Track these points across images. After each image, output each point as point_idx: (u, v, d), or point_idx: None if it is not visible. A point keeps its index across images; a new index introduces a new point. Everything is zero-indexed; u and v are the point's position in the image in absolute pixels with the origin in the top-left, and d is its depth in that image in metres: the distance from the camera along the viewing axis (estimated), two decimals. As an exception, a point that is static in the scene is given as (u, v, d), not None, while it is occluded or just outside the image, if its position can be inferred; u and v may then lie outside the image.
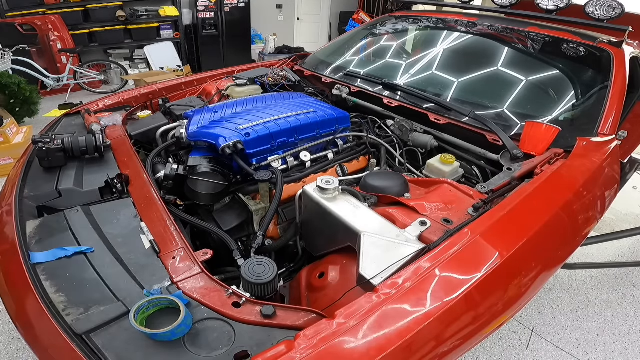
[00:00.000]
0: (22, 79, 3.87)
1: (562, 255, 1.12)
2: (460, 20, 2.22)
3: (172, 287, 0.86)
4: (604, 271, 2.39)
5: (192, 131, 1.41)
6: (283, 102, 1.63)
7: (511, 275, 0.93)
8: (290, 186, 1.34)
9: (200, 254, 0.96)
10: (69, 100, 4.71)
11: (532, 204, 1.08)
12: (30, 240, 1.00)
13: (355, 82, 1.98)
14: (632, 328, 2.00)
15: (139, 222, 1.05)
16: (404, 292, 0.79)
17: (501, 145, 1.43)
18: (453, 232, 0.97)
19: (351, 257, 1.03)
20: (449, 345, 0.80)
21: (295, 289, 1.14)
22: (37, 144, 1.29)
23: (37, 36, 4.71)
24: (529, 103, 1.66)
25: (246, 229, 1.34)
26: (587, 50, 1.80)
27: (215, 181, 1.28)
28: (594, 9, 1.84)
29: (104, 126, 1.62)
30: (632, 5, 2.10)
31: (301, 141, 1.48)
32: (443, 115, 1.62)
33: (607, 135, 1.44)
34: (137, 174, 1.26)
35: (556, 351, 1.85)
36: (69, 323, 0.78)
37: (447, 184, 1.21)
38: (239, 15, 5.97)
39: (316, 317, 0.82)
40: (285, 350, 0.69)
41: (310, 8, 7.53)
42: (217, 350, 0.74)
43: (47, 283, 0.88)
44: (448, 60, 1.99)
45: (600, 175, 1.30)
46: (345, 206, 1.09)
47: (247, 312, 0.81)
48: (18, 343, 1.73)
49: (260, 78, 2.14)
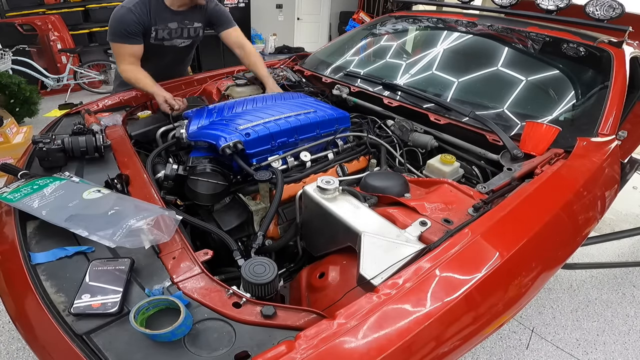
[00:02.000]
0: (22, 79, 3.87)
1: (562, 255, 1.12)
2: (460, 20, 2.22)
3: (172, 288, 0.86)
4: (604, 271, 2.39)
5: (192, 131, 1.41)
6: (283, 102, 1.63)
7: (511, 276, 0.93)
8: (290, 186, 1.34)
9: (200, 254, 0.96)
10: (69, 100, 4.71)
11: (532, 204, 1.08)
12: (30, 241, 1.00)
13: (355, 82, 1.99)
14: (632, 328, 2.00)
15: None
16: (405, 292, 0.79)
17: (501, 146, 1.43)
18: (453, 232, 0.97)
19: (351, 258, 1.03)
20: (450, 346, 0.80)
21: (295, 289, 1.14)
22: (37, 144, 1.29)
23: (37, 36, 4.71)
24: (529, 103, 1.66)
25: (246, 229, 1.34)
26: (587, 50, 1.80)
27: (215, 181, 1.28)
28: (594, 9, 1.84)
29: (104, 126, 1.62)
30: (632, 5, 2.10)
31: (301, 141, 1.48)
32: (443, 115, 1.62)
33: (607, 136, 1.44)
34: (137, 174, 1.26)
35: (556, 351, 1.85)
36: (69, 323, 0.78)
37: (447, 184, 1.21)
38: (239, 15, 5.97)
39: (316, 317, 0.82)
40: (286, 350, 0.68)
41: (310, 8, 7.53)
42: (217, 350, 0.74)
43: (47, 283, 0.88)
44: (448, 60, 1.99)
45: (600, 175, 1.30)
46: (346, 206, 1.09)
47: (248, 313, 0.81)
48: (18, 343, 1.73)
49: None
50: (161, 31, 1.88)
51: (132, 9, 1.73)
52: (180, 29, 1.94)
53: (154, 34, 1.86)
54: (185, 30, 1.96)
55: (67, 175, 1.19)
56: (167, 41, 1.94)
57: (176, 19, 1.89)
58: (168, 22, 1.87)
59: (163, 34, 1.90)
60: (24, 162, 1.38)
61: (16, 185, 1.11)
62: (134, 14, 1.74)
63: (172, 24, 1.89)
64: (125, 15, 1.74)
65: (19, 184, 1.12)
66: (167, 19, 1.86)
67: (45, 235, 1.01)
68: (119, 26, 1.75)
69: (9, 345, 1.72)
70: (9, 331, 1.78)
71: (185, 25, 1.93)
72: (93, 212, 0.99)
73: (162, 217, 0.98)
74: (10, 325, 1.79)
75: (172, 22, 1.88)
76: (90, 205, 1.02)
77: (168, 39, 1.94)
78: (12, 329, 1.78)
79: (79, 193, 1.07)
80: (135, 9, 1.74)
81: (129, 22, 1.74)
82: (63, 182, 1.13)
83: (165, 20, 1.86)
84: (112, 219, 0.95)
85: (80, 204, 1.03)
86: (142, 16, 1.77)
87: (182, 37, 1.98)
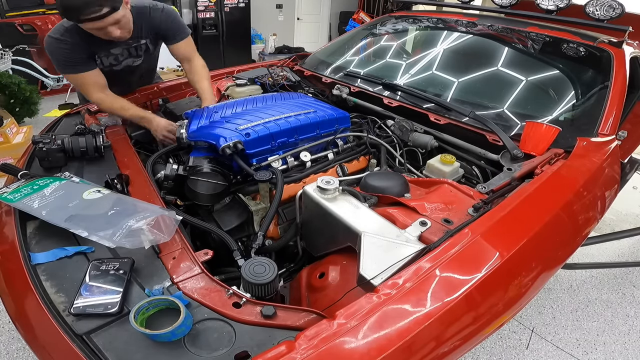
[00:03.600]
0: (22, 79, 3.87)
1: (562, 255, 1.12)
2: (460, 20, 2.22)
3: (172, 288, 0.86)
4: (604, 271, 2.39)
5: (192, 131, 1.41)
6: (283, 102, 1.62)
7: (511, 276, 0.93)
8: (290, 186, 1.34)
9: (200, 254, 0.96)
10: (69, 100, 4.71)
11: (532, 204, 1.08)
12: (30, 241, 1.00)
13: (355, 82, 1.99)
14: (632, 328, 2.00)
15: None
16: (405, 292, 0.79)
17: (501, 146, 1.43)
18: (453, 232, 0.97)
19: (351, 258, 1.03)
20: (450, 346, 0.80)
21: (295, 289, 1.14)
22: (37, 144, 1.29)
23: (37, 36, 4.70)
24: (529, 103, 1.66)
25: (246, 229, 1.34)
26: (587, 50, 1.80)
27: (215, 181, 1.28)
28: (594, 9, 1.84)
29: (104, 126, 1.62)
30: (632, 5, 2.10)
31: (301, 141, 1.48)
32: (443, 115, 1.62)
33: (607, 136, 1.44)
34: (137, 174, 1.26)
35: (556, 351, 1.85)
36: (69, 323, 0.78)
37: (447, 184, 1.21)
38: (239, 15, 5.97)
39: (316, 317, 0.82)
40: (286, 350, 0.68)
41: (310, 8, 7.53)
42: (217, 350, 0.74)
43: (47, 283, 0.88)
44: (448, 60, 1.99)
45: (600, 175, 1.30)
46: (346, 206, 1.09)
47: (248, 313, 0.81)
48: (18, 343, 1.73)
49: (260, 78, 2.14)
50: (105, 58, 1.66)
51: (60, 39, 1.49)
52: (127, 51, 1.69)
53: (99, 62, 1.64)
54: (132, 49, 1.70)
55: (67, 175, 1.19)
56: (117, 66, 1.72)
57: (119, 44, 1.63)
58: (109, 48, 1.63)
59: (109, 60, 1.67)
60: (24, 162, 1.38)
61: (16, 186, 1.11)
62: (65, 43, 1.50)
63: (115, 50, 1.65)
64: (58, 46, 1.50)
65: (19, 184, 1.12)
66: (105, 45, 1.59)
67: (45, 235, 1.01)
68: (59, 57, 1.53)
69: (9, 345, 1.72)
70: (9, 331, 1.78)
71: (130, 45, 1.67)
72: (93, 212, 0.99)
73: (162, 217, 0.98)
74: (10, 325, 1.79)
75: (114, 47, 1.63)
76: (90, 206, 1.02)
77: (116, 64, 1.71)
78: (12, 329, 1.78)
79: (79, 193, 1.07)
80: (63, 38, 1.49)
81: (66, 51, 1.51)
82: (63, 182, 1.13)
83: (103, 47, 1.60)
84: (112, 219, 0.95)
85: (80, 204, 1.03)
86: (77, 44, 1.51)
87: (132, 56, 1.74)
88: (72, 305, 0.80)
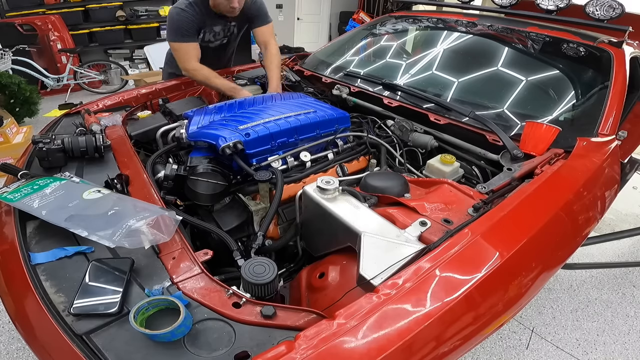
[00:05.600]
0: (22, 79, 3.88)
1: (562, 255, 1.12)
2: (460, 21, 2.22)
3: (172, 288, 0.86)
4: (604, 271, 2.39)
5: (192, 131, 1.41)
6: (283, 102, 1.62)
7: (511, 276, 0.93)
8: (290, 186, 1.34)
9: (200, 254, 0.96)
10: (69, 100, 4.71)
11: (532, 204, 1.08)
12: (30, 241, 1.00)
13: (355, 82, 1.98)
14: (632, 328, 2.00)
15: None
16: (404, 292, 0.79)
17: (501, 146, 1.43)
18: (453, 232, 0.97)
19: (351, 258, 1.03)
20: (449, 346, 0.80)
21: (295, 289, 1.14)
22: (37, 144, 1.29)
23: (37, 36, 4.71)
24: (529, 103, 1.66)
25: (246, 229, 1.33)
26: (587, 51, 1.80)
27: (215, 181, 1.28)
28: (594, 9, 1.84)
29: (104, 126, 1.62)
30: (632, 5, 2.10)
31: (301, 141, 1.48)
32: (443, 115, 1.62)
33: (607, 136, 1.44)
34: (137, 174, 1.26)
35: (556, 351, 1.85)
36: (69, 323, 0.78)
37: (447, 184, 1.21)
38: (239, 15, 5.95)
39: (316, 317, 0.81)
40: (286, 350, 0.68)
41: (310, 8, 7.52)
42: (217, 350, 0.74)
43: (47, 283, 0.88)
44: (448, 61, 1.99)
45: (600, 175, 1.30)
46: (345, 206, 1.09)
47: (247, 313, 0.81)
48: (18, 343, 1.73)
49: (260, 78, 2.14)
50: (208, 34, 2.00)
51: (184, 9, 1.85)
52: (223, 30, 2.06)
53: (201, 36, 1.97)
54: (226, 29, 2.08)
55: (67, 175, 1.19)
56: (213, 43, 2.08)
57: (220, 22, 2.00)
58: (213, 25, 1.99)
59: (209, 36, 2.02)
60: (24, 162, 1.38)
61: (16, 185, 1.11)
62: (187, 12, 1.85)
63: (216, 27, 2.01)
64: (180, 14, 1.85)
65: (19, 184, 1.12)
66: (214, 22, 1.97)
67: (45, 235, 1.01)
68: (177, 25, 1.86)
69: (9, 345, 1.72)
70: (9, 331, 1.77)
71: (225, 25, 2.05)
72: (93, 212, 0.99)
73: (162, 217, 0.98)
74: (10, 325, 1.79)
75: (217, 25, 2.00)
76: (90, 206, 1.02)
77: (213, 41, 2.07)
78: (12, 329, 1.78)
79: (79, 193, 1.07)
80: (187, 9, 1.85)
81: (185, 20, 1.85)
82: (63, 182, 1.13)
83: (210, 23, 1.96)
84: (112, 219, 0.95)
85: (80, 204, 1.03)
86: (194, 16, 1.87)
87: (225, 36, 2.12)
88: (72, 305, 0.80)
